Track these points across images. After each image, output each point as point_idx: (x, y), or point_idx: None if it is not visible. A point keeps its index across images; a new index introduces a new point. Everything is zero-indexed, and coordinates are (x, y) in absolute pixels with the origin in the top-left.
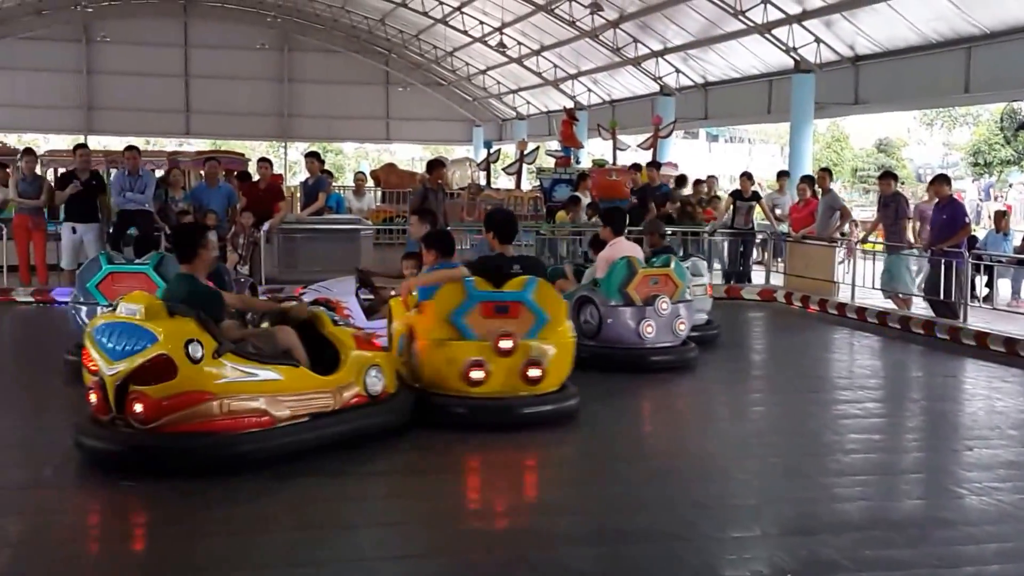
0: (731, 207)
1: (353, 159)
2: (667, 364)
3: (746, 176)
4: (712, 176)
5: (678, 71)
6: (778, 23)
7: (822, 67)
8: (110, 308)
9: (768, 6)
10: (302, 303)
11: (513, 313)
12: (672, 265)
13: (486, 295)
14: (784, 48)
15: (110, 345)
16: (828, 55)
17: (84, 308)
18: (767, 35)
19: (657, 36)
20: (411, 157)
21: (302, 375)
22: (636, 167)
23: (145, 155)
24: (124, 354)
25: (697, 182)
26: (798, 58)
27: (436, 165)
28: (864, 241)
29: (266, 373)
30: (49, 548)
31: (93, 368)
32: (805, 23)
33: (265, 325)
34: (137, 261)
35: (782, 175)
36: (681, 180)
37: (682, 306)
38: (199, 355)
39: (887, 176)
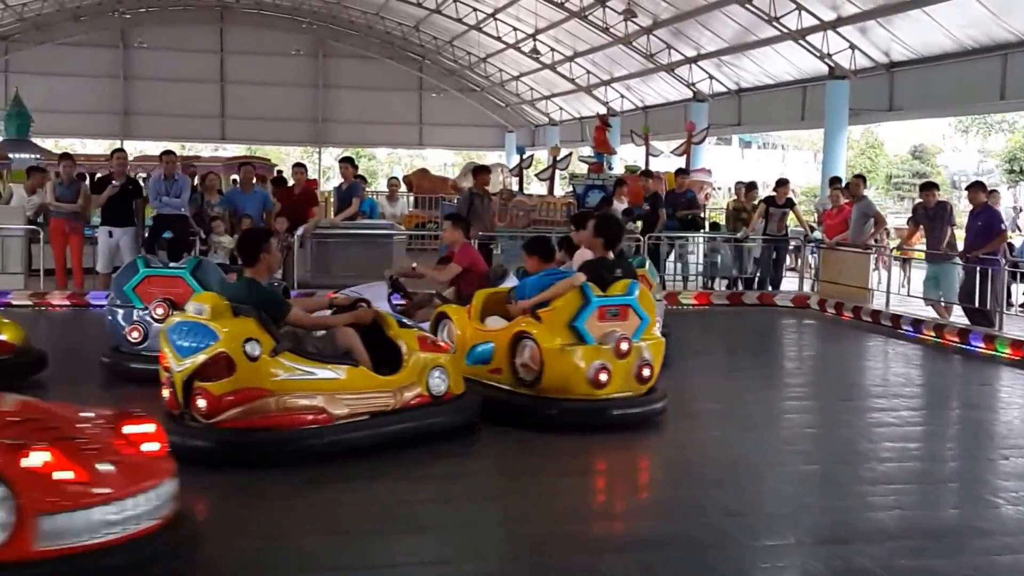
0: (764, 213)
1: (386, 164)
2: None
3: (781, 183)
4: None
5: (711, 77)
6: (812, 29)
7: (857, 73)
8: (145, 311)
9: (802, 12)
10: (367, 308)
11: (622, 316)
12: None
13: (603, 300)
14: (818, 54)
15: (180, 343)
16: (863, 61)
17: (120, 311)
18: (801, 41)
19: (691, 42)
20: (443, 163)
21: (361, 374)
22: (647, 174)
23: (151, 161)
24: (190, 351)
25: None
26: (832, 64)
27: (481, 171)
28: (900, 248)
29: (324, 372)
30: None
31: (166, 365)
32: (840, 29)
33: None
34: (173, 265)
35: (835, 181)
36: (752, 187)
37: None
38: (256, 353)
39: (929, 187)
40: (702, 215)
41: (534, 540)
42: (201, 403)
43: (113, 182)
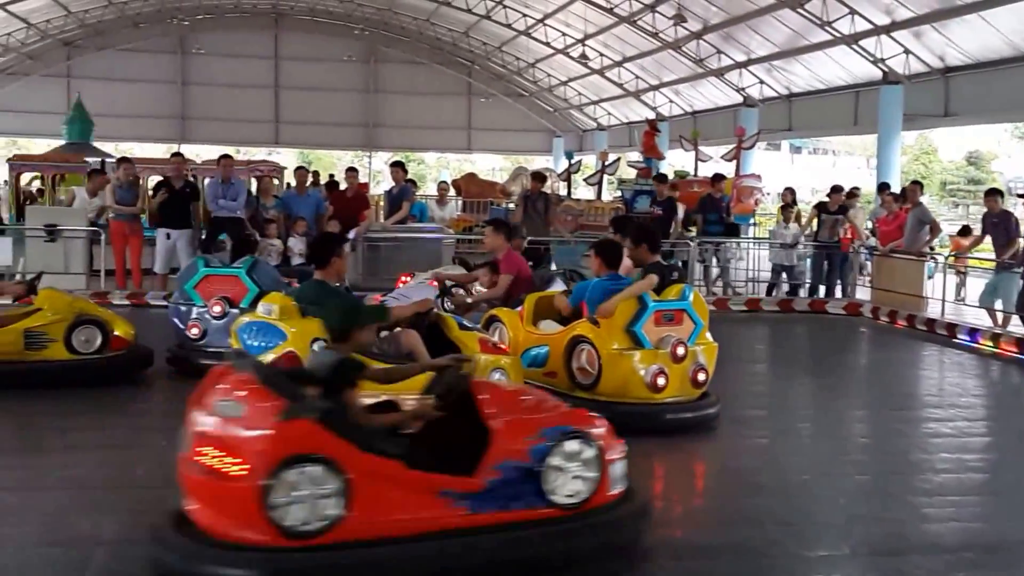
0: (816, 220)
1: (434, 168)
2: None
3: (836, 189)
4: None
5: (762, 82)
6: (866, 34)
7: (911, 78)
8: (203, 308)
9: (856, 17)
10: (427, 299)
11: (677, 320)
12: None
13: (659, 304)
14: (872, 59)
15: (249, 342)
16: (917, 66)
17: (183, 307)
18: (854, 46)
19: (741, 47)
20: (491, 167)
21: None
22: (661, 178)
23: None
24: (259, 350)
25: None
26: (886, 69)
27: (537, 177)
28: (959, 256)
29: None
30: (139, 547)
31: None
32: (893, 34)
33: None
34: (233, 265)
35: (915, 184)
36: (852, 194)
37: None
38: None
39: (993, 193)
40: (752, 221)
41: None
42: None
43: (164, 187)
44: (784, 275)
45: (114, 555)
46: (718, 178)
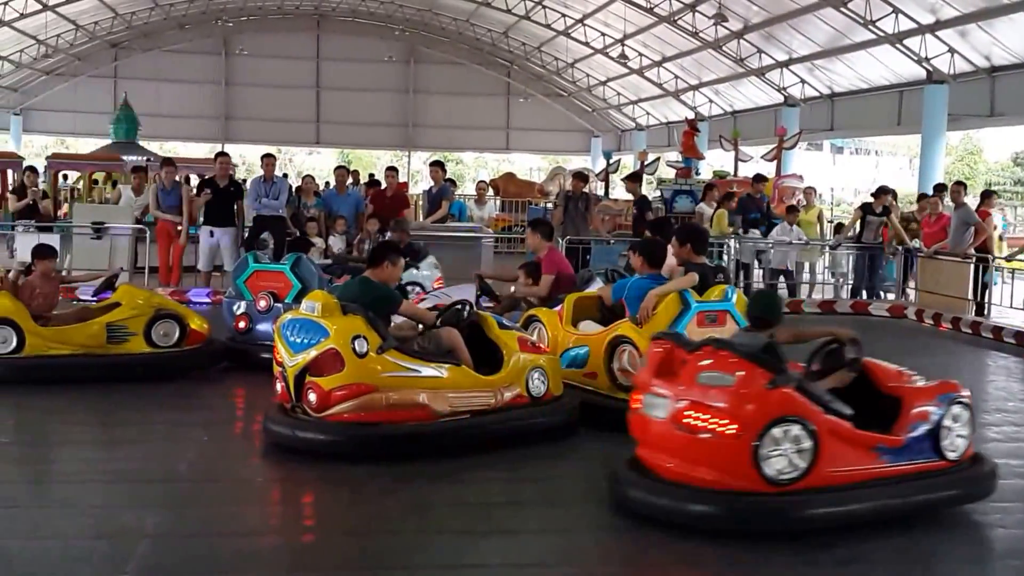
0: (860, 221)
1: (472, 168)
2: None
3: (882, 190)
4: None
5: (803, 81)
6: (910, 33)
7: (956, 78)
8: (251, 303)
9: (900, 16)
10: (466, 299)
11: (720, 321)
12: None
13: (703, 305)
14: (916, 58)
15: (292, 339)
16: (962, 65)
17: (234, 302)
18: (898, 45)
19: (782, 46)
20: (529, 167)
21: (463, 373)
22: (632, 177)
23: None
24: (302, 347)
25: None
26: (931, 68)
27: (579, 176)
28: (1010, 259)
29: (428, 370)
30: (181, 539)
31: (279, 360)
32: (938, 33)
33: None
34: (279, 262)
35: (959, 185)
36: (923, 198)
37: None
38: (364, 350)
39: None
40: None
41: (628, 548)
42: (312, 397)
43: (207, 188)
44: (781, 278)
45: (156, 548)
46: (759, 178)
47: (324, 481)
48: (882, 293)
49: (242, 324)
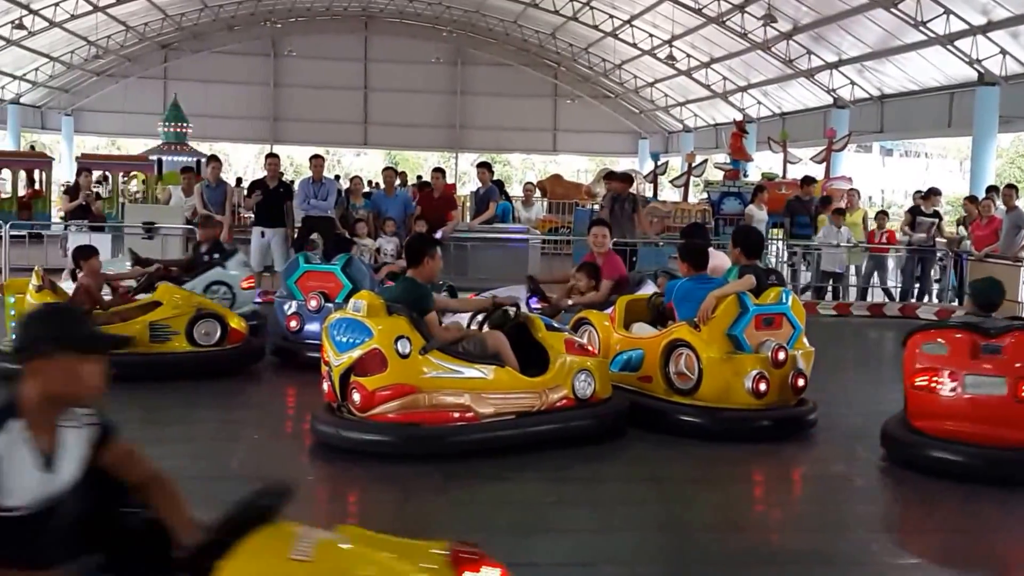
0: (910, 223)
1: (519, 170)
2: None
3: (932, 192)
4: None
5: (853, 83)
6: (961, 34)
7: (1008, 79)
8: (302, 303)
9: (951, 17)
10: (512, 297)
11: (776, 325)
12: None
13: (760, 308)
14: (967, 60)
15: (339, 338)
16: (1014, 67)
17: (286, 302)
18: (949, 46)
19: (831, 47)
20: (576, 169)
21: (507, 375)
22: (610, 175)
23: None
24: (347, 347)
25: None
26: (982, 70)
27: (625, 178)
28: None
29: (471, 371)
30: None
31: (326, 359)
32: (990, 34)
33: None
34: (330, 262)
35: (1010, 188)
36: (973, 201)
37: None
38: (407, 351)
39: None
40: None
41: (675, 549)
42: (356, 397)
43: (258, 189)
44: (832, 281)
45: None
46: (807, 181)
47: (373, 480)
48: (931, 296)
49: (293, 324)
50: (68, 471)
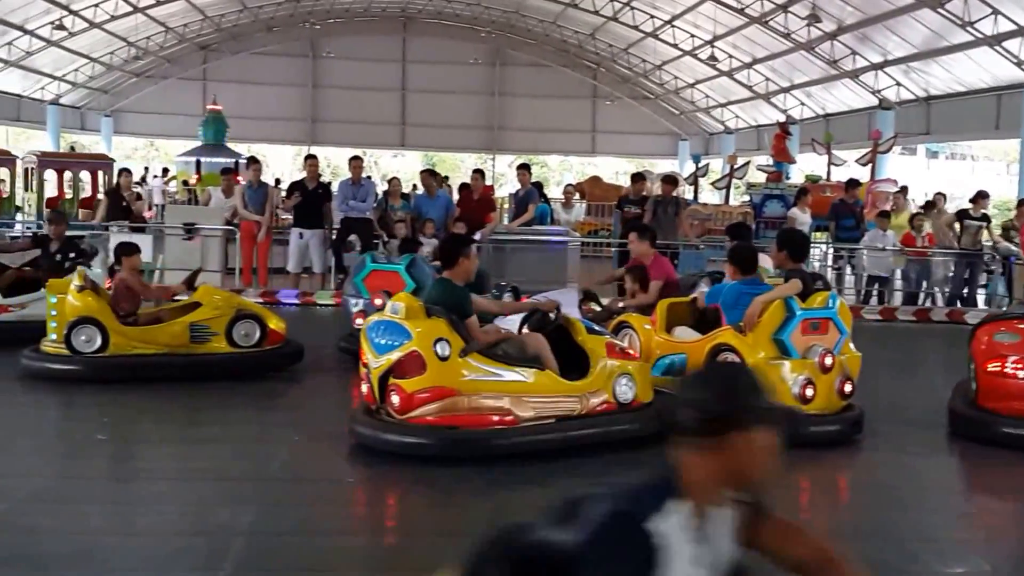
0: (958, 226)
1: (557, 171)
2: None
3: (981, 195)
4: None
5: (898, 84)
6: (1009, 35)
7: None
8: (367, 301)
9: (999, 17)
10: (551, 301)
11: (823, 329)
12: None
13: (807, 312)
14: (1015, 61)
15: (377, 340)
16: None
17: (353, 300)
18: (997, 47)
19: (876, 48)
20: (615, 171)
21: (548, 379)
22: (638, 177)
23: None
24: (386, 349)
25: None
26: None
27: (669, 180)
28: None
29: (511, 375)
30: (274, 538)
31: (365, 361)
32: None
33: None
34: (394, 261)
35: None
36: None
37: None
38: (446, 353)
39: None
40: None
41: None
42: (395, 399)
43: (297, 190)
44: (877, 285)
45: (251, 545)
46: (852, 184)
47: (413, 482)
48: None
49: (359, 321)
50: (722, 556)
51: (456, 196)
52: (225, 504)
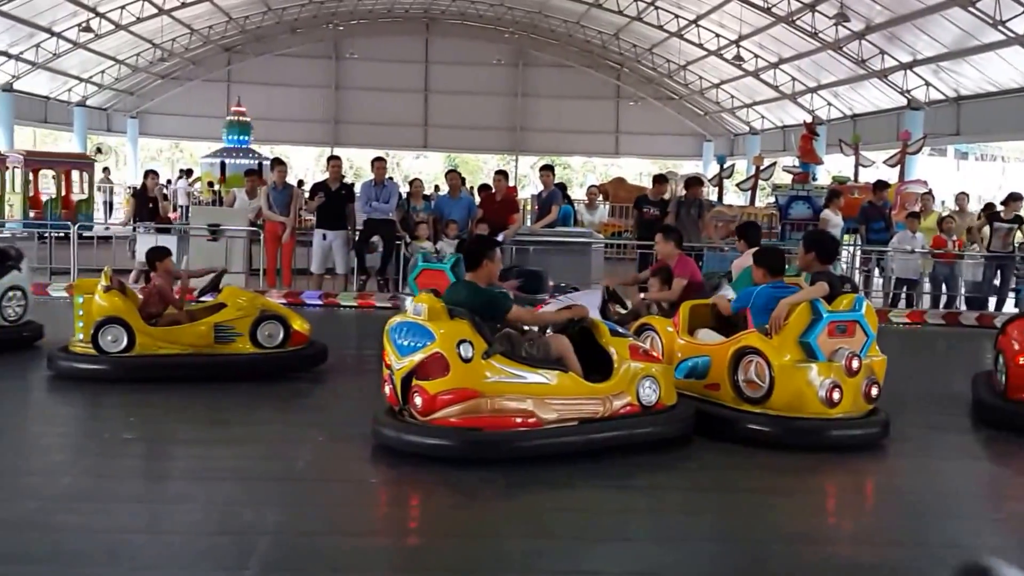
0: (988, 228)
1: (580, 172)
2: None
3: (1014, 197)
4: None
5: (928, 84)
6: None
7: None
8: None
9: None
10: (582, 307)
11: (850, 332)
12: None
13: (834, 315)
14: None
15: (400, 342)
16: None
17: (406, 299)
18: None
19: (906, 47)
20: (639, 172)
21: (571, 381)
22: (659, 179)
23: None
24: (409, 350)
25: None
26: None
27: (693, 182)
28: None
29: (534, 376)
30: (300, 537)
31: (387, 363)
32: None
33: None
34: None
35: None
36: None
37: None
38: (469, 355)
39: None
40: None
41: (742, 559)
42: (418, 400)
43: (320, 191)
44: (905, 288)
45: (277, 545)
46: (881, 185)
47: (436, 484)
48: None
49: None
50: None
51: (476, 198)
52: (250, 504)
